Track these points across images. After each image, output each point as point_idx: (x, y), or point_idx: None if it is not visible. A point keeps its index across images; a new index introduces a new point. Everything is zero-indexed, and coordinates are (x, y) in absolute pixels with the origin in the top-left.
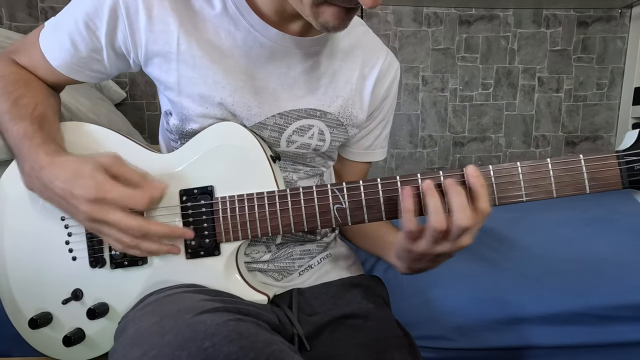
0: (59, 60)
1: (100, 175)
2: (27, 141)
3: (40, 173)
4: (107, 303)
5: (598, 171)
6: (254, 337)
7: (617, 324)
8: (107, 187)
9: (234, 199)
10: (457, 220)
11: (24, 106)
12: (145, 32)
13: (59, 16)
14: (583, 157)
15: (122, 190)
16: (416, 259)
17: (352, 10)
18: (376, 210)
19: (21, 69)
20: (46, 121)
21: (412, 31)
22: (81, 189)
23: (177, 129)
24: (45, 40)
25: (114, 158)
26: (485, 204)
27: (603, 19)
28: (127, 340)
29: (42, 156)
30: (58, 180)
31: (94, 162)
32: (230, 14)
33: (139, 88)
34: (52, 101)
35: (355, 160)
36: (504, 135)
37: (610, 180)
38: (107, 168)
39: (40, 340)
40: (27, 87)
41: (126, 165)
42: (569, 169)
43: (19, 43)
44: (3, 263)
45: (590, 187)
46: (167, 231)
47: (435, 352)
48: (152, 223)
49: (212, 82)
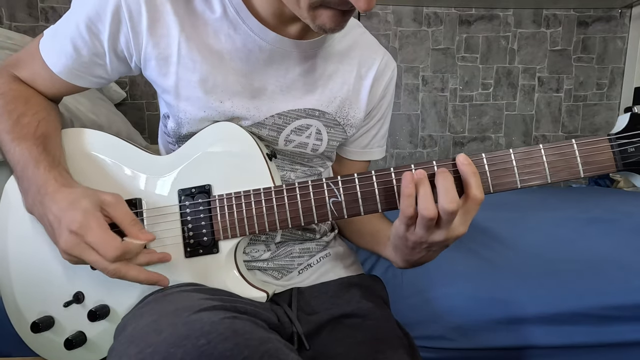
0: (60, 65)
1: (91, 212)
2: (32, 163)
3: (45, 198)
4: (108, 305)
5: (591, 155)
6: (249, 335)
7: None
8: (91, 225)
9: (230, 197)
10: (442, 204)
11: (26, 125)
12: (147, 35)
13: (59, 24)
14: (575, 142)
15: (101, 235)
16: (412, 247)
17: (348, 12)
18: (371, 202)
19: (21, 84)
20: (49, 141)
21: (412, 31)
22: (69, 219)
23: (174, 132)
24: (45, 47)
25: (115, 197)
26: (476, 191)
27: (603, 19)
28: (125, 338)
29: (52, 182)
30: (55, 207)
31: (93, 199)
32: (230, 18)
33: (139, 88)
34: (54, 116)
35: (353, 160)
36: (504, 135)
37: (604, 164)
38: (105, 206)
39: (42, 344)
40: (27, 105)
41: (122, 207)
42: (562, 154)
43: (18, 55)
44: (6, 267)
45: (584, 171)
46: (143, 277)
47: (434, 352)
48: (130, 269)
49: (212, 86)
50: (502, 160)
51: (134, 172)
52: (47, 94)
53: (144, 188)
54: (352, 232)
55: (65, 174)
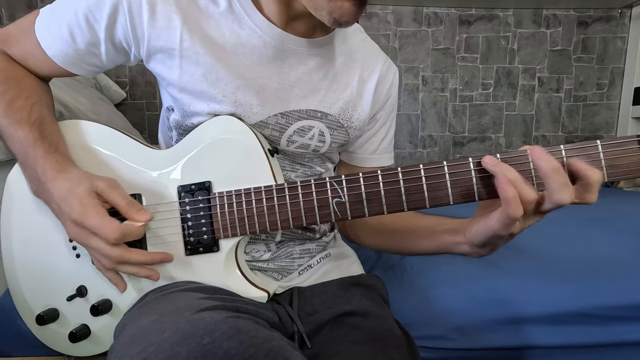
0: (55, 50)
1: (88, 199)
2: (30, 151)
3: (45, 186)
4: (110, 300)
5: (617, 157)
6: (253, 333)
7: (617, 324)
8: (89, 212)
9: (231, 194)
10: (560, 198)
11: (20, 109)
12: (147, 27)
13: (57, 4)
14: (600, 143)
15: (99, 219)
16: (506, 239)
17: (364, 3)
18: (377, 204)
19: (11, 63)
20: (45, 124)
21: (412, 31)
22: (68, 207)
23: (178, 124)
24: (41, 28)
25: (109, 182)
26: (592, 172)
27: (603, 19)
28: (126, 338)
29: (48, 170)
30: (56, 194)
31: (88, 185)
32: (235, 12)
33: (139, 88)
34: (46, 98)
35: (361, 166)
36: (504, 135)
37: (630, 167)
38: (100, 192)
39: (49, 335)
40: (19, 86)
41: (118, 191)
42: (585, 156)
43: (9, 30)
44: (11, 260)
45: (609, 175)
46: (147, 259)
47: (434, 352)
48: (132, 252)
49: (215, 79)
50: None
51: (133, 166)
52: (39, 74)
53: (143, 183)
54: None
55: (62, 159)
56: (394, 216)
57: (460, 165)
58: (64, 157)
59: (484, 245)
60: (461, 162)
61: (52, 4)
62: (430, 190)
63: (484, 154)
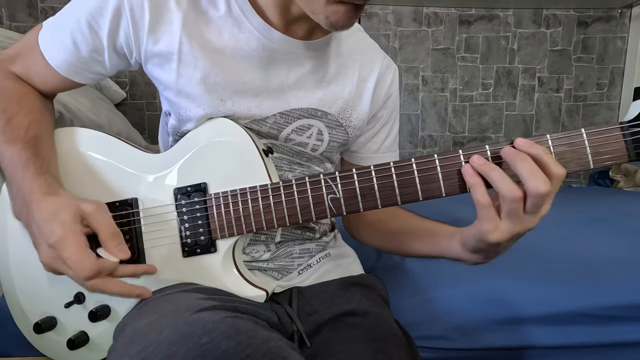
0: (59, 60)
1: (70, 225)
2: (20, 169)
3: (30, 207)
4: (108, 305)
5: (602, 144)
6: (251, 333)
7: (617, 324)
8: (67, 240)
9: (227, 195)
10: (534, 187)
11: (17, 126)
12: (148, 31)
13: (59, 15)
14: (585, 131)
15: (75, 252)
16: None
17: (360, 7)
18: (371, 199)
19: (15, 82)
20: (40, 143)
21: (412, 31)
22: (48, 231)
23: (175, 129)
24: (44, 40)
25: (97, 207)
26: (557, 167)
27: (603, 19)
28: (125, 338)
29: (36, 190)
30: (38, 216)
31: (74, 209)
32: (234, 16)
33: (139, 88)
34: (46, 117)
35: (364, 165)
36: (504, 135)
37: (615, 154)
38: (85, 216)
39: (46, 344)
40: (20, 104)
41: (103, 218)
42: (571, 144)
43: (16, 48)
44: (7, 268)
45: (594, 162)
46: (125, 291)
47: (435, 352)
48: (108, 284)
49: (213, 83)
50: None
51: (129, 171)
52: (42, 90)
53: (139, 187)
54: (369, 233)
55: (52, 181)
56: (395, 216)
57: (451, 157)
58: (54, 179)
59: (476, 250)
60: (452, 155)
61: (55, 16)
62: (423, 183)
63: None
